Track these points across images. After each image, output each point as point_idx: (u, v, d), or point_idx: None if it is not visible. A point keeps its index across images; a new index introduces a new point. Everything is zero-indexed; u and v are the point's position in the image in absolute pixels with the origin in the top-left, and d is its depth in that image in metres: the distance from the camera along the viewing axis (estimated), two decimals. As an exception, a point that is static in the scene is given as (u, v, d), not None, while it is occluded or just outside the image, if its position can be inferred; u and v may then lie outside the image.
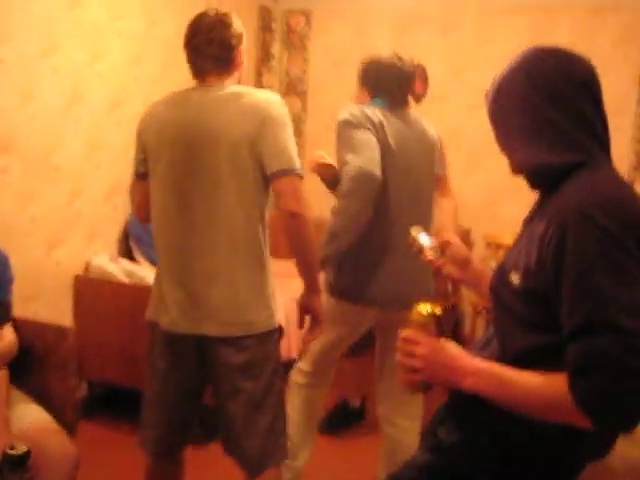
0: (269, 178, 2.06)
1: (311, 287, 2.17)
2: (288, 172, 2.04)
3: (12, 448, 1.86)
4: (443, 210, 3.01)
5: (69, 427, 2.25)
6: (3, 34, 3.05)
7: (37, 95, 3.26)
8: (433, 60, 4.99)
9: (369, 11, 5.24)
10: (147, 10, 4.00)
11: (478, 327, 4.75)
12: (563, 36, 4.61)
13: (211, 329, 2.10)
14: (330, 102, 4.99)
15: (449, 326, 1.46)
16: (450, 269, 1.74)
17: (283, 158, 2.04)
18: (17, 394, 2.28)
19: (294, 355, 3.78)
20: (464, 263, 1.73)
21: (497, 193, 4.90)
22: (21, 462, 1.87)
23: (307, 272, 2.15)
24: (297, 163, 2.07)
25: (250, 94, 2.13)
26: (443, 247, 1.75)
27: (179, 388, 2.26)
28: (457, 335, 4.60)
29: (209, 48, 2.16)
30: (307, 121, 5.39)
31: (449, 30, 5.00)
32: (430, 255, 1.75)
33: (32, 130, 3.26)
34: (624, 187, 1.31)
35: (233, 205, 2.06)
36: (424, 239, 1.79)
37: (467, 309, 4.81)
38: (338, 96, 2.79)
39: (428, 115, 2.90)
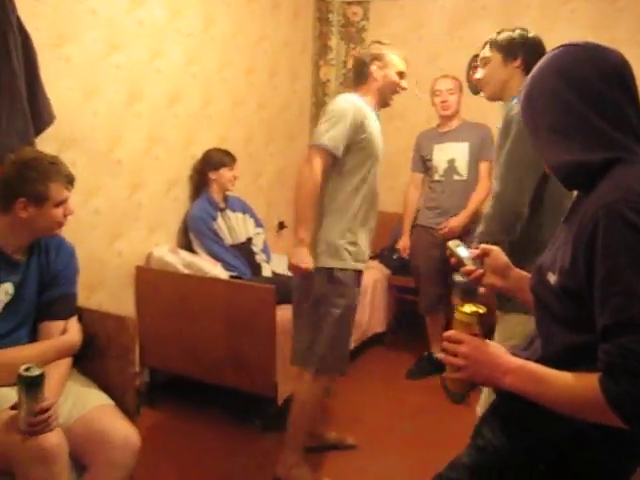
0: None
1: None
2: (312, 144, 2.79)
3: (27, 369, 1.92)
4: None
5: (129, 413, 2.32)
6: (70, 34, 3.16)
7: (100, 92, 3.37)
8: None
9: (427, 1, 5.21)
10: (205, 10, 4.09)
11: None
12: (628, 23, 4.50)
13: None
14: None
15: (487, 329, 1.50)
16: (491, 278, 1.72)
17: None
18: (82, 380, 2.37)
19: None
20: (504, 271, 1.72)
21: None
22: (35, 383, 1.93)
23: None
24: (318, 139, 2.75)
25: None
26: (482, 257, 1.74)
27: None
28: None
29: None
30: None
31: (509, 20, 4.90)
32: (470, 266, 1.74)
33: (95, 125, 3.37)
34: None
35: None
36: (462, 251, 1.78)
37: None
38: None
39: (487, 106, 2.90)
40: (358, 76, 2.97)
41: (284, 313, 3.28)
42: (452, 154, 4.17)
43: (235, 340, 3.39)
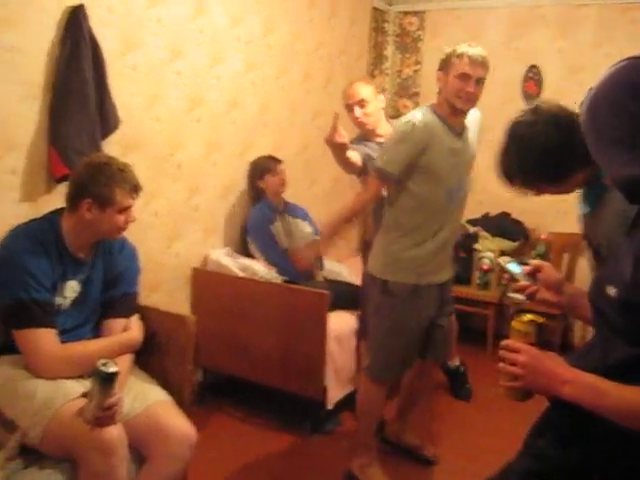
0: None
1: None
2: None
3: (104, 365, 1.99)
4: None
5: (185, 409, 2.38)
6: (136, 42, 3.27)
7: (162, 98, 3.48)
8: (549, 60, 4.94)
9: (483, 11, 5.22)
10: (264, 17, 4.17)
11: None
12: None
13: None
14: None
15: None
16: (545, 294, 1.73)
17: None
18: (143, 376, 2.46)
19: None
20: (558, 287, 1.73)
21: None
22: (110, 379, 2.00)
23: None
24: (377, 161, 2.81)
25: None
26: (534, 273, 1.75)
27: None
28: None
29: None
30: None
31: (567, 30, 4.90)
32: (523, 282, 1.76)
33: (157, 130, 3.47)
34: None
35: None
36: (514, 267, 1.80)
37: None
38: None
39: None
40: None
41: (337, 319, 3.33)
42: None
43: (287, 343, 3.46)
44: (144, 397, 2.31)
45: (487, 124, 4.33)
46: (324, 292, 3.36)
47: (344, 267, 4.31)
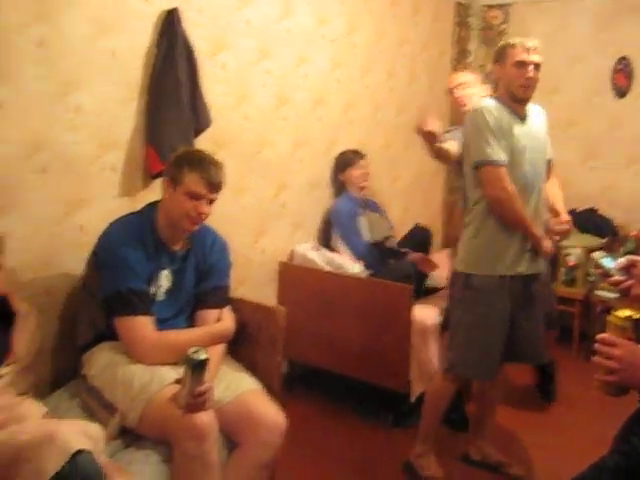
0: None
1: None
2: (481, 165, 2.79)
3: (195, 352, 2.07)
4: None
5: (274, 398, 2.45)
6: (226, 43, 3.38)
7: (251, 96, 3.58)
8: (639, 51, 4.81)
9: (570, 2, 5.13)
10: (349, 16, 4.23)
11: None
12: None
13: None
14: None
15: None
16: (639, 290, 1.71)
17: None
18: (235, 365, 2.55)
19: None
20: None
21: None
22: (200, 366, 2.08)
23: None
24: (486, 158, 2.74)
25: None
26: (629, 268, 1.74)
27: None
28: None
29: None
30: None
31: (659, 20, 4.77)
32: (617, 277, 1.74)
33: (246, 128, 3.57)
34: None
35: None
36: (608, 261, 1.78)
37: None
38: (538, 91, 2.77)
39: (631, 109, 2.87)
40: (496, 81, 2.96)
41: (421, 312, 3.35)
42: None
43: (372, 336, 3.50)
44: (236, 385, 2.40)
45: (574, 118, 4.29)
46: (407, 285, 3.39)
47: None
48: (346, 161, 4.11)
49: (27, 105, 2.53)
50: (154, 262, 2.44)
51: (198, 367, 2.08)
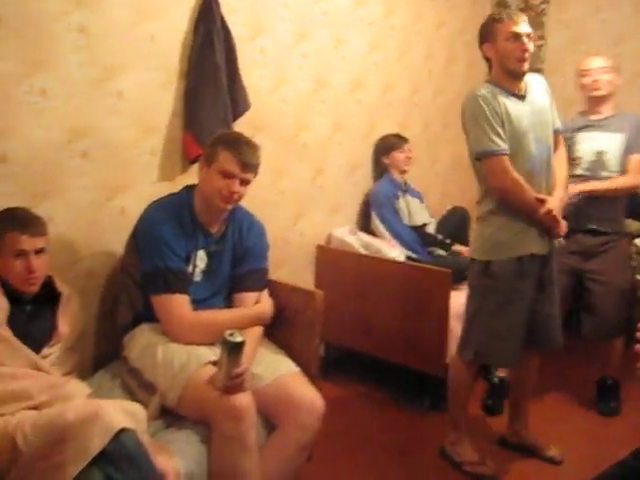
0: None
1: None
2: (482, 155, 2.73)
3: (232, 335, 2.11)
4: None
5: (312, 381, 2.47)
6: (264, 27, 3.39)
7: (289, 80, 3.58)
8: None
9: (612, -18, 5.01)
10: (387, -1, 4.20)
11: None
12: None
13: None
14: (567, 80, 4.85)
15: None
16: None
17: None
18: (273, 347, 2.58)
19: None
20: None
21: None
22: (237, 348, 2.12)
23: None
24: (487, 148, 2.68)
25: None
26: None
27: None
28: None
29: None
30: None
31: None
32: None
33: (284, 112, 3.58)
34: None
35: None
36: None
37: None
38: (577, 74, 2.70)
39: None
40: (487, 65, 2.89)
41: (458, 297, 3.34)
42: (602, 146, 3.48)
43: (409, 320, 3.50)
44: (274, 368, 2.43)
45: (616, 101, 4.19)
46: (446, 270, 3.39)
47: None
48: (391, 144, 4.13)
49: (69, 92, 2.56)
50: (191, 242, 2.48)
51: (235, 349, 2.12)
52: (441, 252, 4.07)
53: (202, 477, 2.16)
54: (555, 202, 2.77)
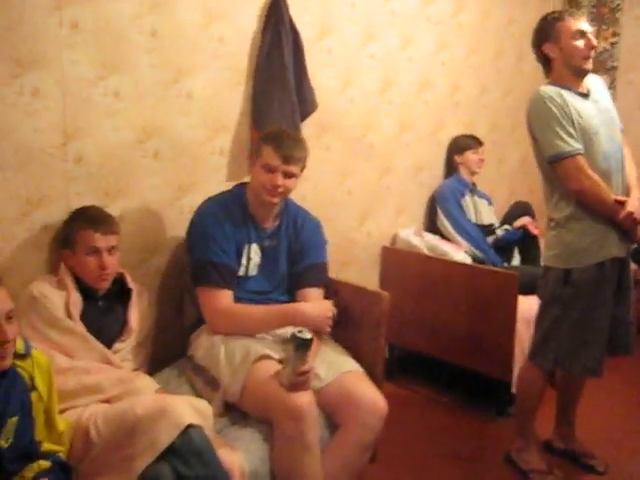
0: None
1: None
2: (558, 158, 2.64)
3: (300, 332, 2.14)
4: None
5: (376, 382, 2.46)
6: (332, 27, 3.39)
7: (356, 80, 3.58)
8: None
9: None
10: (455, -4, 4.16)
11: None
12: None
13: None
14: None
15: None
16: None
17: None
18: (336, 346, 2.58)
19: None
20: None
21: None
22: (305, 346, 2.14)
23: None
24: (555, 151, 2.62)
25: None
26: None
27: None
28: None
29: None
30: (617, 98, 5.14)
31: None
32: None
33: (351, 112, 3.58)
34: None
35: None
36: None
37: None
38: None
39: None
40: (544, 66, 2.83)
41: (527, 302, 3.29)
42: None
43: (475, 323, 3.46)
44: (337, 366, 2.43)
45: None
46: (513, 273, 3.33)
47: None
48: (466, 144, 4.11)
49: (141, 93, 2.61)
50: (242, 236, 2.54)
51: (302, 346, 2.13)
52: (515, 263, 4.02)
53: (266, 475, 2.18)
54: (634, 203, 2.69)
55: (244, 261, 2.54)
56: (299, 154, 2.49)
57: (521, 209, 4.22)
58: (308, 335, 2.14)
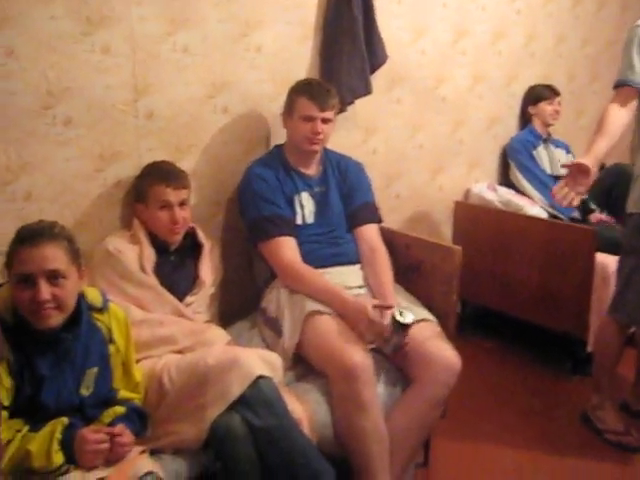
0: None
1: None
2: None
3: (401, 314, 2.20)
4: None
5: (449, 337, 2.43)
6: (402, -24, 3.30)
7: (428, 31, 3.48)
8: None
9: None
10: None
11: None
12: None
13: None
14: None
15: None
16: None
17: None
18: (408, 296, 2.55)
19: None
20: None
21: None
22: (405, 327, 2.21)
23: None
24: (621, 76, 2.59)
25: None
26: None
27: None
28: None
29: None
30: None
31: None
32: None
33: (422, 64, 3.50)
34: None
35: None
36: None
37: None
38: None
39: None
40: None
41: (604, 257, 3.19)
42: None
43: (550, 279, 3.38)
44: (414, 313, 2.36)
45: None
46: (590, 228, 3.23)
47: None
48: (541, 94, 3.99)
49: (210, 48, 2.61)
50: (290, 187, 2.58)
51: (403, 328, 2.21)
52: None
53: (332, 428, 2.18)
54: None
55: (298, 209, 2.58)
56: (332, 100, 2.56)
57: (612, 179, 4.00)
58: (409, 319, 2.21)
